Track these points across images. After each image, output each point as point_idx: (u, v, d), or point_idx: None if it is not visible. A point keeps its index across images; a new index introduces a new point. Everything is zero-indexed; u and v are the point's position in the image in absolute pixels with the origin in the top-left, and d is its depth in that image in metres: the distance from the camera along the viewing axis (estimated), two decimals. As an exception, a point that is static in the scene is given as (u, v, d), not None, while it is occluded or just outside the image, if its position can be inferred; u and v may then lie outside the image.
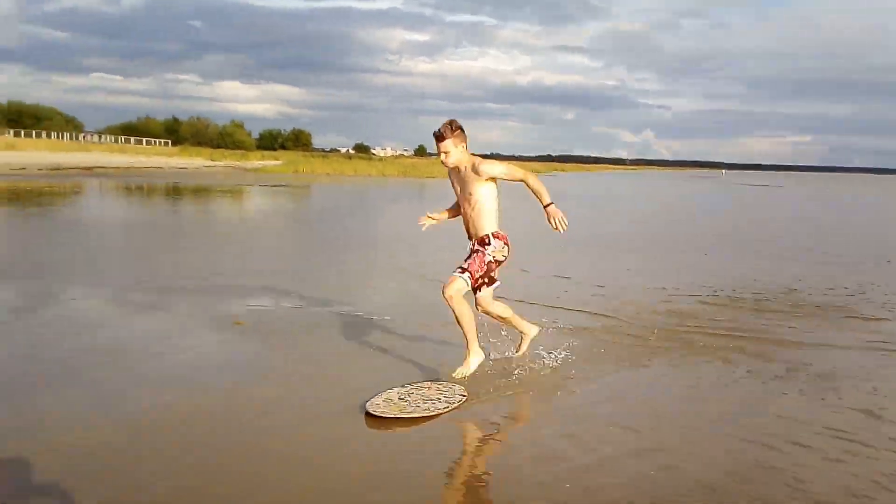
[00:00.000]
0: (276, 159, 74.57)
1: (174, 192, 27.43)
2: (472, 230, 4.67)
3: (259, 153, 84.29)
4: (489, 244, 4.59)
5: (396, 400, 4.28)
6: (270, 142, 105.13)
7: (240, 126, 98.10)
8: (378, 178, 46.91)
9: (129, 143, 70.66)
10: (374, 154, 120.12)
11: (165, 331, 6.03)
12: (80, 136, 70.43)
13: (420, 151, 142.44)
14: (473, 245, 4.69)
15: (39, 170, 35.53)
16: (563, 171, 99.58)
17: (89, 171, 39.13)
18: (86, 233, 13.20)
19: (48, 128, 67.29)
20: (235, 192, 28.14)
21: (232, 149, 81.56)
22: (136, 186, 29.88)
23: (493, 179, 4.55)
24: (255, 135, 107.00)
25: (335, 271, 9.52)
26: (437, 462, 3.71)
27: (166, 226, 15.52)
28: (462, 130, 4.48)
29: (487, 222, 4.58)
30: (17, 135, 58.61)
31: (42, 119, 71.37)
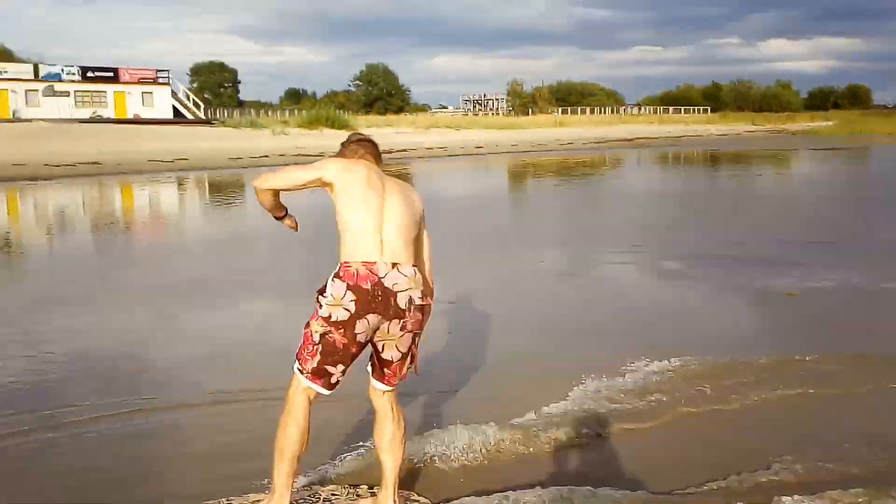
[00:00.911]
0: (827, 120, 69.91)
1: (711, 159, 27.79)
2: None
3: (808, 114, 79.98)
4: (323, 292, 2.71)
5: None
6: (821, 101, 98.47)
7: (786, 86, 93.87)
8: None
9: (668, 112, 73.65)
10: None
11: (685, 297, 6.33)
12: (621, 110, 76.09)
13: None
14: None
15: (584, 143, 39.62)
16: None
17: (629, 142, 42.32)
18: (621, 200, 14.35)
19: (591, 104, 74.47)
20: (776, 158, 27.28)
21: (776, 111, 78.80)
22: (673, 155, 31.19)
23: (326, 183, 2.83)
24: (804, 94, 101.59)
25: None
26: None
27: (700, 193, 15.83)
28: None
29: (340, 248, 2.80)
30: (563, 112, 66.29)
31: (586, 95, 79.49)
